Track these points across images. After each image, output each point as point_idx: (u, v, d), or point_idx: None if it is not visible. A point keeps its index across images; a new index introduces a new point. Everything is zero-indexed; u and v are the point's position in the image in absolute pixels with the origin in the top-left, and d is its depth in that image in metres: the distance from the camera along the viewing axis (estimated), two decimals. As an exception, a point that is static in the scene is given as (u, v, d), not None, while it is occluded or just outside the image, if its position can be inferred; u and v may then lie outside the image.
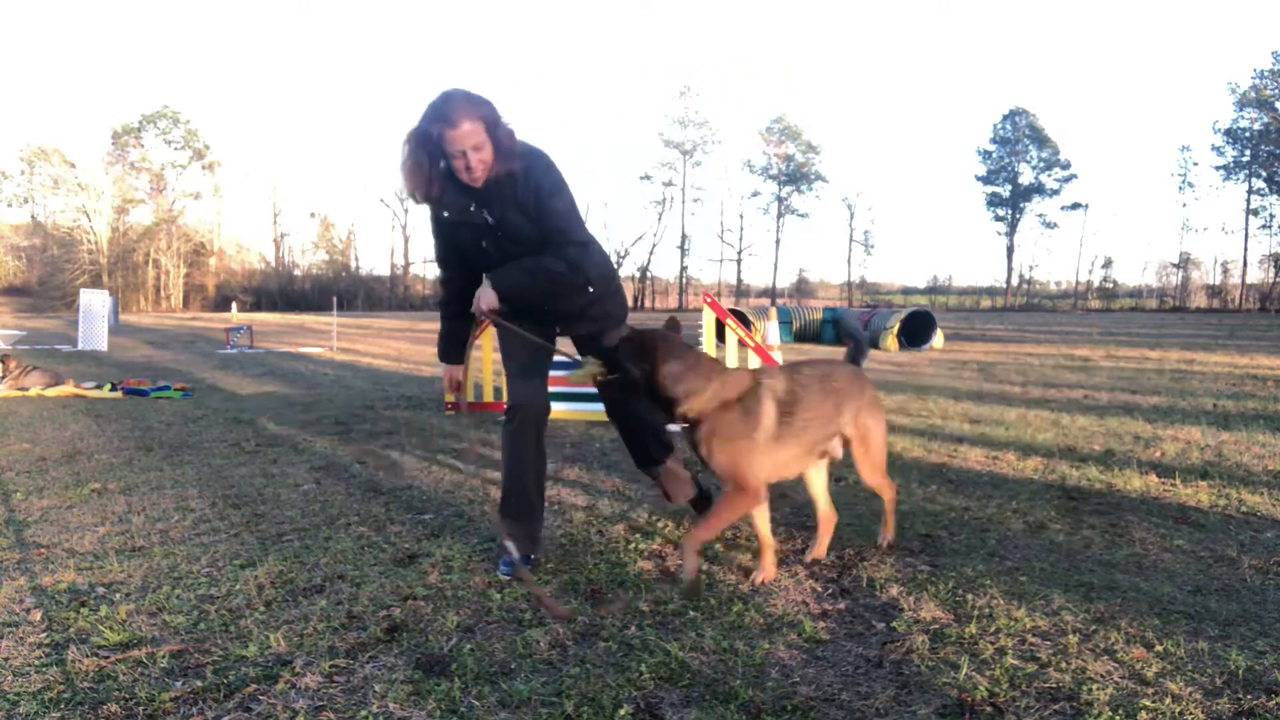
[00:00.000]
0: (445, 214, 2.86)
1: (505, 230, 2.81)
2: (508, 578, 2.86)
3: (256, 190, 68.34)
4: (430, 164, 2.72)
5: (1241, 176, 57.08)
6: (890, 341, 14.72)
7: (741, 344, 6.47)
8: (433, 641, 2.36)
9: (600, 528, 3.47)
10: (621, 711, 1.96)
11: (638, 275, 66.68)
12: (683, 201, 68.41)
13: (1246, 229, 57.58)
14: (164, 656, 2.26)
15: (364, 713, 1.97)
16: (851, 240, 68.08)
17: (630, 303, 63.22)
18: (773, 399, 2.75)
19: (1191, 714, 1.93)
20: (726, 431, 2.69)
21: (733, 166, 65.31)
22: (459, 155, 2.68)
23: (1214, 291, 59.66)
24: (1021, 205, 64.47)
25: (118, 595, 2.72)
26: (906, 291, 71.60)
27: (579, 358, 3.19)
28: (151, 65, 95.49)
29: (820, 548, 3.08)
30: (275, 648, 2.32)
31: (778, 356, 6.46)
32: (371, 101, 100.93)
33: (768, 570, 2.85)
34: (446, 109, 2.65)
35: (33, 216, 62.86)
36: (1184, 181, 60.26)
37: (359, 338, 20.02)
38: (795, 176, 67.00)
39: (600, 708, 1.98)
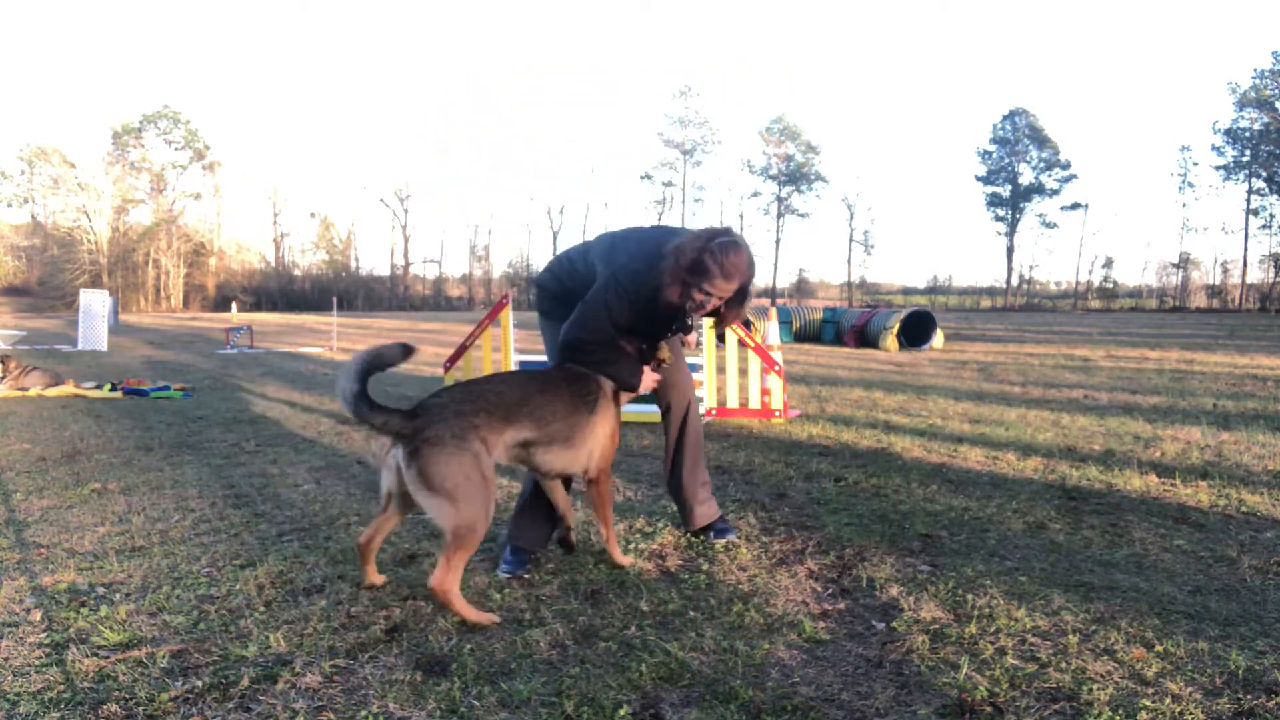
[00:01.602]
0: (660, 310, 2.96)
1: (687, 328, 3.21)
2: (508, 577, 2.86)
3: (256, 190, 68.36)
4: (685, 283, 2.82)
5: (1241, 176, 57.09)
6: (890, 341, 14.72)
7: (741, 344, 6.48)
8: (433, 641, 2.36)
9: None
10: (621, 711, 1.96)
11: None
12: (683, 201, 68.46)
13: (1246, 229, 57.61)
14: (164, 656, 2.26)
15: (364, 713, 1.97)
16: (851, 240, 68.12)
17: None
18: None
19: (1191, 714, 1.93)
20: None
21: (733, 166, 65.13)
22: (707, 299, 2.85)
23: (1214, 291, 59.66)
24: (1021, 205, 64.47)
25: (118, 595, 2.72)
26: (906, 291, 71.60)
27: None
28: (151, 65, 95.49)
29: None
30: (275, 648, 2.31)
31: (778, 356, 6.46)
32: (371, 101, 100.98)
33: None
34: (731, 261, 2.80)
35: (33, 216, 62.89)
36: (1184, 181, 60.28)
37: (359, 338, 20.02)
38: (795, 176, 67.01)
39: (600, 708, 1.98)
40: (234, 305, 39.00)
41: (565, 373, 2.91)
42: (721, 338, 6.64)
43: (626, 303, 2.88)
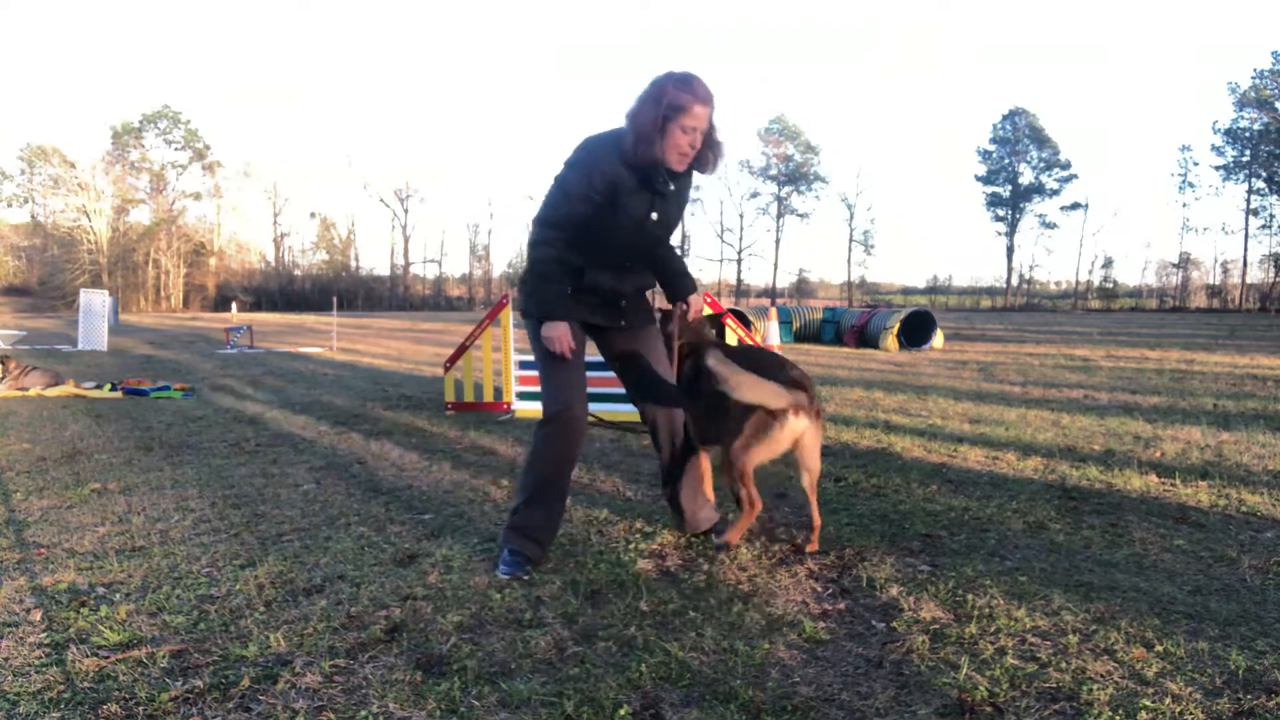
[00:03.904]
0: (631, 177, 2.82)
1: (670, 210, 2.96)
2: (508, 577, 2.86)
3: (256, 190, 68.33)
4: (662, 125, 2.73)
5: (1241, 176, 57.11)
6: (890, 341, 14.72)
7: (742, 344, 6.47)
8: (433, 641, 2.36)
9: (600, 528, 3.47)
10: (621, 711, 1.96)
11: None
12: (683, 201, 68.24)
13: (1246, 229, 57.65)
14: (164, 656, 2.26)
15: (364, 713, 1.97)
16: (851, 240, 68.12)
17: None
18: None
19: (1191, 714, 1.93)
20: None
21: (732, 166, 65.11)
22: (691, 132, 2.75)
23: (1214, 291, 59.68)
24: (1021, 205, 64.49)
25: (118, 595, 2.72)
26: (906, 291, 71.62)
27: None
28: (151, 65, 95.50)
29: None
30: (275, 648, 2.31)
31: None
32: (371, 101, 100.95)
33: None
34: (700, 87, 2.75)
35: (33, 216, 62.93)
36: (1184, 181, 60.31)
37: (359, 338, 20.02)
38: (795, 176, 67.02)
39: (600, 708, 1.98)
40: (234, 305, 38.97)
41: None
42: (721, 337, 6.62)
43: (585, 180, 2.78)
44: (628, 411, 6.45)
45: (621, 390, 6.53)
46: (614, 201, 2.82)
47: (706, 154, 2.89)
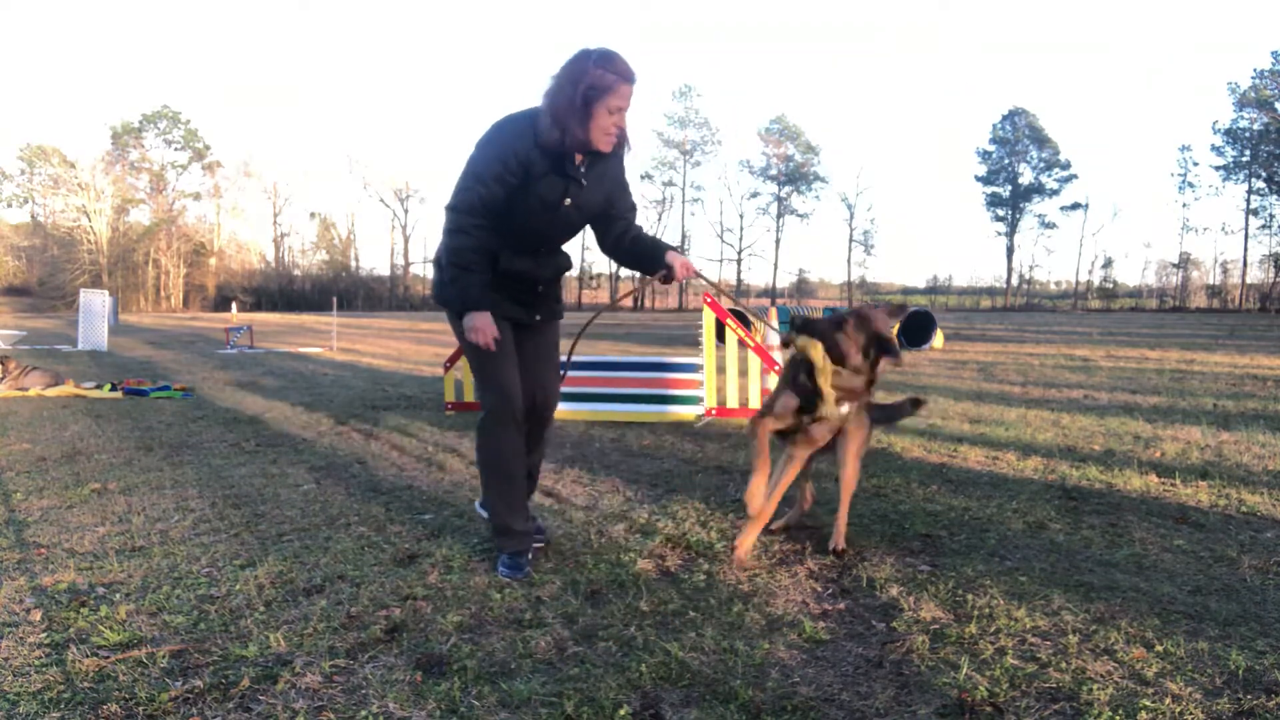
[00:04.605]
0: (544, 161, 2.72)
1: (586, 196, 2.85)
2: (508, 578, 2.86)
3: (256, 190, 68.31)
4: (583, 108, 2.63)
5: (1241, 176, 57.13)
6: (890, 341, 14.70)
7: (741, 344, 6.47)
8: (433, 641, 2.36)
9: (600, 528, 3.47)
10: (621, 711, 1.96)
11: (638, 275, 66.69)
12: (683, 201, 68.47)
13: (1246, 229, 57.67)
14: (164, 656, 2.26)
15: (364, 713, 1.97)
16: (851, 240, 68.13)
17: (632, 303, 63.42)
18: None
19: (1191, 714, 1.93)
20: None
21: (732, 166, 65.17)
22: (616, 111, 2.67)
23: (1214, 291, 59.69)
24: (1021, 205, 64.51)
25: (118, 595, 2.72)
26: (906, 291, 71.59)
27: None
28: (151, 65, 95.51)
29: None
30: (275, 648, 2.31)
31: (778, 356, 6.46)
32: (371, 101, 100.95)
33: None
34: (623, 64, 2.66)
35: (33, 216, 62.96)
36: (1184, 181, 60.32)
37: (359, 338, 20.03)
38: (795, 176, 67.03)
39: (600, 708, 1.98)
40: (234, 305, 38.99)
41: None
42: (721, 337, 6.62)
43: (499, 162, 2.67)
44: (627, 411, 6.46)
45: (620, 390, 6.49)
46: (525, 186, 2.73)
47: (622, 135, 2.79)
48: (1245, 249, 57.99)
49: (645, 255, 3.07)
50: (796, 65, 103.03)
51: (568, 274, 3.22)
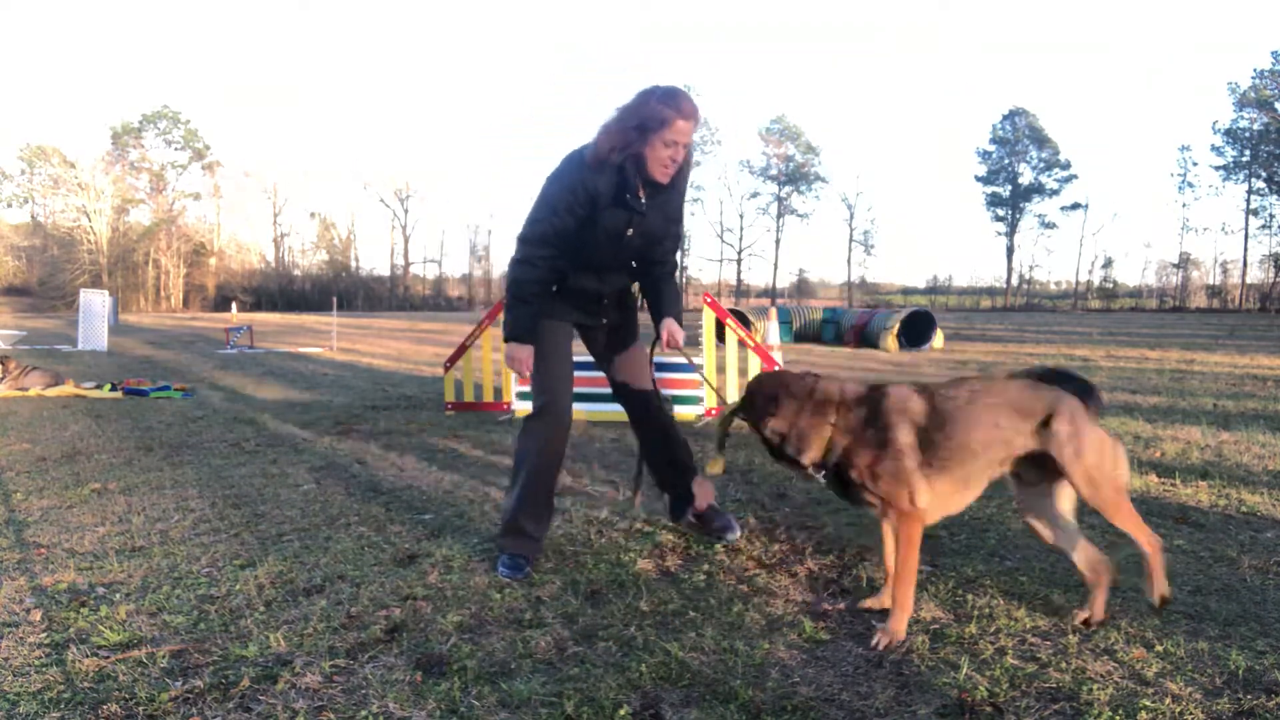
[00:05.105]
0: (609, 193, 2.84)
1: (649, 225, 2.95)
2: (508, 579, 2.86)
3: (256, 190, 68.32)
4: (639, 139, 2.75)
5: (1241, 176, 57.08)
6: (890, 342, 14.72)
7: (741, 344, 6.48)
8: (433, 641, 2.36)
9: (600, 528, 3.47)
10: (621, 711, 1.96)
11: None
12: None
13: (1246, 229, 57.63)
14: (164, 656, 2.26)
15: (364, 713, 1.97)
16: (851, 240, 68.11)
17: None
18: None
19: (1191, 714, 1.93)
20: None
21: (732, 166, 65.21)
22: (673, 146, 2.76)
23: (1214, 291, 59.67)
24: (1021, 205, 64.47)
25: (118, 595, 2.72)
26: (906, 291, 71.59)
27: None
28: (151, 65, 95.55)
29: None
30: (275, 648, 2.31)
31: (778, 357, 6.46)
32: (371, 101, 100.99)
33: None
34: (684, 101, 2.76)
35: (33, 216, 62.97)
36: (1184, 181, 60.28)
37: (359, 338, 20.02)
38: (795, 177, 67.01)
39: (600, 708, 1.98)
40: (234, 305, 38.93)
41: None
42: (721, 337, 6.62)
43: (569, 194, 2.80)
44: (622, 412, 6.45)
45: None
46: (592, 217, 2.86)
47: (684, 169, 2.93)
48: (1245, 249, 57.99)
49: (651, 309, 3.23)
50: (796, 65, 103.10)
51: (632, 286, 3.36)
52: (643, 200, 2.88)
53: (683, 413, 6.40)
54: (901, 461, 2.39)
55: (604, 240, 2.91)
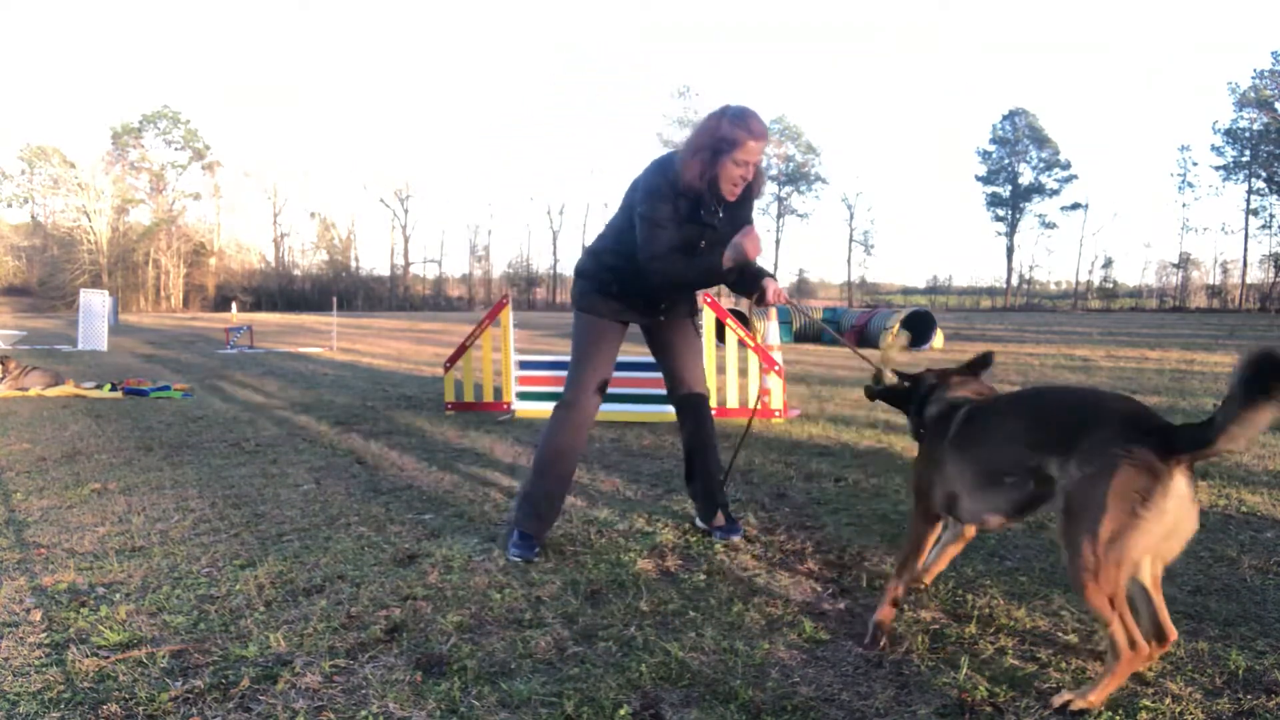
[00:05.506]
0: (686, 207, 2.97)
1: (720, 238, 3.02)
2: (516, 558, 2.98)
3: (256, 190, 68.29)
4: (712, 161, 2.86)
5: (1241, 176, 57.11)
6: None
7: (742, 344, 6.48)
8: (433, 641, 2.36)
9: (600, 528, 3.47)
10: (621, 711, 1.96)
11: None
12: (683, 201, 68.30)
13: (1246, 229, 57.64)
14: (164, 656, 2.26)
15: (364, 713, 1.97)
16: (851, 240, 68.17)
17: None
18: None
19: (1191, 714, 1.93)
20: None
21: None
22: (743, 165, 2.87)
23: (1214, 291, 59.67)
24: (1021, 205, 64.50)
25: (118, 595, 2.72)
26: (906, 292, 71.63)
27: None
28: (151, 65, 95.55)
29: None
30: (275, 648, 2.31)
31: (778, 356, 6.46)
32: (371, 101, 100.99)
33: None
34: (755, 121, 2.86)
35: (33, 216, 63.00)
36: (1184, 181, 60.32)
37: (359, 338, 20.03)
38: (795, 177, 67.04)
39: (600, 708, 1.98)
40: (234, 305, 38.94)
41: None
42: (721, 336, 6.62)
43: (670, 205, 2.91)
44: (627, 411, 6.46)
45: (620, 390, 6.52)
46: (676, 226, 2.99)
47: (754, 183, 3.05)
48: (1245, 249, 58.01)
49: (746, 282, 3.19)
50: (796, 65, 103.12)
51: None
52: (718, 215, 3.02)
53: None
54: None
55: (680, 250, 3.02)
